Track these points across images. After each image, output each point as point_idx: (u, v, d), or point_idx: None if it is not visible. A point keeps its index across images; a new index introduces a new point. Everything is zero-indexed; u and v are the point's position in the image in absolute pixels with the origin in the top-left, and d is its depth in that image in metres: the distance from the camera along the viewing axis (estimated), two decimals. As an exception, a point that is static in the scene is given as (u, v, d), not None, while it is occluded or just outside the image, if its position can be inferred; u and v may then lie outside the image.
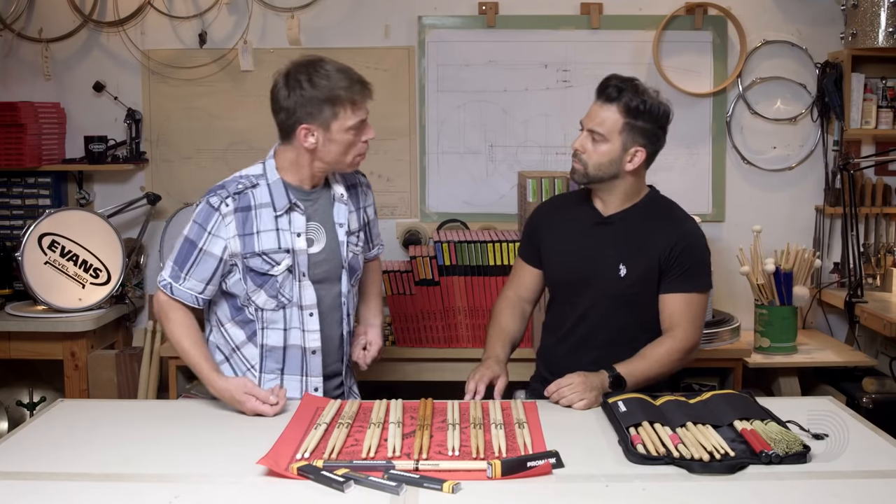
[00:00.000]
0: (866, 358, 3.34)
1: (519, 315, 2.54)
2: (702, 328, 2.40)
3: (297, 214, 2.24)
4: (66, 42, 3.75)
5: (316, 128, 2.16)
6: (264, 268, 2.21)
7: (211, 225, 2.19)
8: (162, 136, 3.79)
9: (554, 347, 2.49)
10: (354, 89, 2.16)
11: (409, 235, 3.71)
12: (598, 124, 2.30)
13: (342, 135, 2.18)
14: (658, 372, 2.31)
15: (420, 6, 3.69)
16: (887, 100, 3.59)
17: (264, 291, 2.23)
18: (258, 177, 2.25)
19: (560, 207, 2.55)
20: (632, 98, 2.27)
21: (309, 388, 2.31)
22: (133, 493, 1.66)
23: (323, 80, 2.14)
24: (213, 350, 2.33)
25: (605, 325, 2.38)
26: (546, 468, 1.74)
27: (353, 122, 2.17)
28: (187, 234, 2.23)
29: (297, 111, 2.15)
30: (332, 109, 2.15)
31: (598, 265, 2.37)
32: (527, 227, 2.59)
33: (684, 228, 2.40)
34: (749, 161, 3.72)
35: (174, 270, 2.23)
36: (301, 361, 2.29)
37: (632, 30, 3.67)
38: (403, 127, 3.74)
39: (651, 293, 2.37)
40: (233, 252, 2.20)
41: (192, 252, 2.20)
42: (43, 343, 3.38)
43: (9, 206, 3.73)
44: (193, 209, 2.26)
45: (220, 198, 2.20)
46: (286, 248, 2.22)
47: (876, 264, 3.63)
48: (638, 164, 2.33)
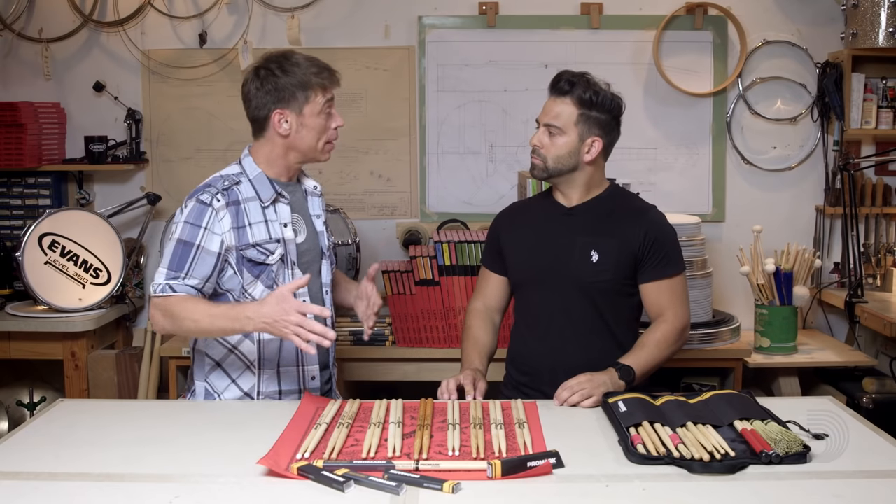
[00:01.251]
0: (866, 358, 3.34)
1: (490, 327, 2.55)
2: (688, 306, 2.45)
3: (282, 205, 2.29)
4: (66, 42, 3.75)
5: (289, 113, 2.23)
6: (260, 258, 2.23)
7: (205, 221, 2.19)
8: (162, 136, 3.79)
9: (527, 347, 2.49)
10: (324, 75, 2.26)
11: (409, 235, 3.71)
12: (553, 118, 2.37)
13: (314, 119, 2.25)
14: (660, 356, 2.36)
15: (420, 6, 3.69)
16: (887, 100, 3.59)
17: (261, 282, 2.25)
18: (238, 174, 2.29)
19: (520, 209, 2.61)
20: (584, 90, 2.35)
21: (306, 378, 2.32)
22: (133, 493, 1.66)
23: (294, 68, 2.24)
24: (202, 357, 2.32)
25: (580, 316, 2.40)
26: (546, 468, 1.73)
27: (322, 105, 2.25)
28: (179, 237, 2.20)
29: (270, 99, 2.23)
30: (304, 94, 2.23)
31: (568, 252, 2.40)
32: (488, 235, 2.62)
33: (651, 217, 2.44)
34: (749, 161, 3.72)
35: (171, 274, 2.18)
36: (297, 351, 2.30)
37: (632, 30, 3.67)
38: (403, 127, 3.74)
39: (622, 281, 2.40)
40: (229, 246, 2.21)
41: (188, 252, 2.19)
42: (43, 343, 3.38)
43: (9, 206, 3.73)
44: (179, 214, 2.23)
45: (211, 194, 2.21)
46: (276, 238, 2.26)
47: (876, 264, 3.63)
48: (596, 155, 2.38)
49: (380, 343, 3.40)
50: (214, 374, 2.32)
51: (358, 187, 3.78)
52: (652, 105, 3.70)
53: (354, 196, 3.76)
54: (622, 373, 2.26)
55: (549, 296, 2.43)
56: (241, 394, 2.31)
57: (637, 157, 3.71)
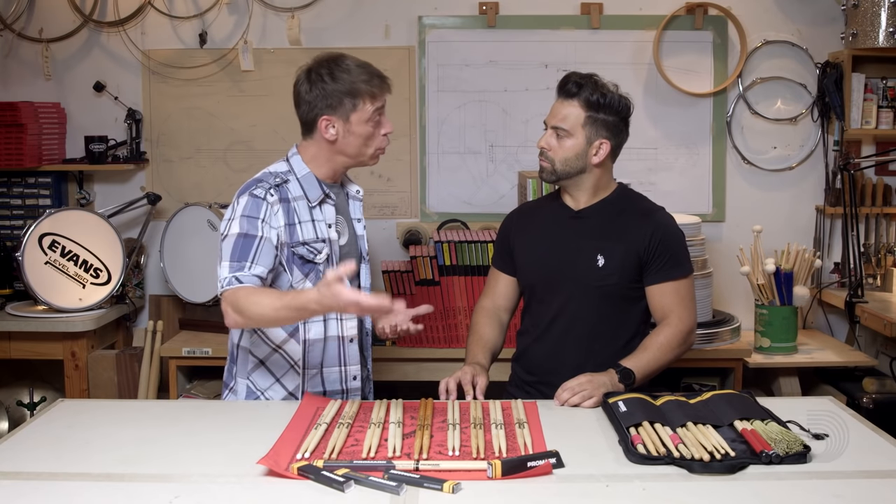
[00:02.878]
0: (866, 358, 3.34)
1: (497, 325, 2.55)
2: (695, 309, 2.44)
3: (328, 206, 2.29)
4: (66, 42, 3.75)
5: (336, 119, 2.22)
6: (310, 256, 2.24)
7: (263, 213, 2.17)
8: (162, 136, 3.79)
9: (532, 348, 2.49)
10: (374, 83, 2.23)
11: (409, 235, 3.71)
12: (560, 120, 2.36)
13: (361, 126, 2.23)
14: (663, 360, 2.34)
15: (420, 6, 3.69)
16: (887, 100, 3.59)
17: (309, 281, 2.24)
18: (286, 172, 2.27)
19: (529, 210, 2.60)
20: (591, 92, 2.34)
21: (348, 378, 2.33)
22: (133, 493, 1.66)
23: (344, 74, 2.21)
24: (246, 354, 2.32)
25: (584, 319, 2.40)
26: (546, 468, 1.73)
27: (371, 113, 2.22)
28: (238, 231, 2.14)
29: (318, 104, 2.21)
30: (351, 101, 2.21)
31: (574, 256, 2.40)
32: (498, 235, 2.61)
33: (658, 218, 2.43)
34: (749, 161, 3.72)
35: (235, 266, 2.11)
36: (339, 352, 2.31)
37: (632, 30, 3.67)
38: (403, 127, 3.74)
39: (629, 285, 2.39)
40: (283, 242, 2.20)
41: (251, 243, 2.14)
42: (43, 343, 3.38)
43: (9, 206, 3.73)
44: (231, 210, 2.19)
45: (265, 189, 2.20)
46: (323, 238, 2.26)
47: (876, 264, 3.63)
48: (603, 157, 2.37)
49: (380, 343, 3.39)
50: (258, 371, 2.31)
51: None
52: (652, 105, 3.70)
53: (354, 196, 3.76)
54: (622, 375, 2.25)
55: (555, 298, 2.42)
56: (286, 393, 2.30)
57: (637, 157, 3.70)
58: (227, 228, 2.18)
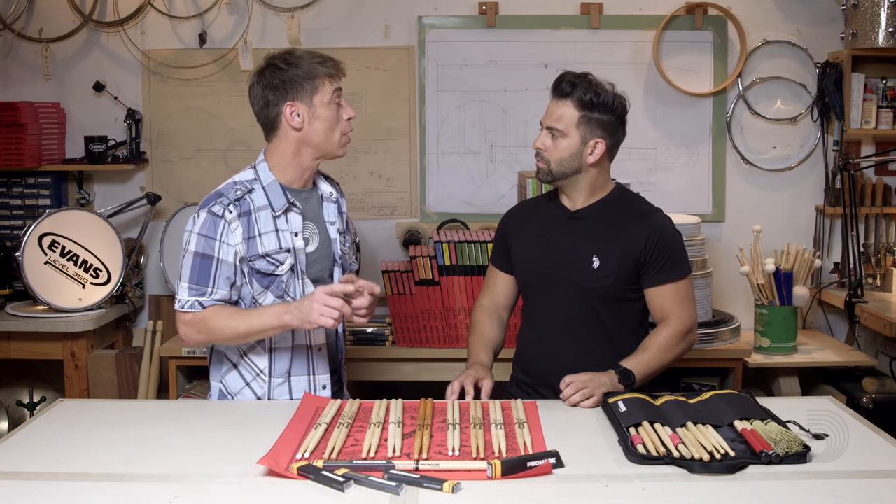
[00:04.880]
0: (866, 358, 3.34)
1: (497, 322, 2.55)
2: (695, 308, 2.43)
3: (294, 214, 2.27)
4: (66, 42, 3.75)
5: (300, 105, 2.22)
6: (269, 269, 2.23)
7: (219, 233, 2.19)
8: (162, 136, 3.79)
9: (529, 350, 2.49)
10: (328, 64, 2.25)
11: (409, 235, 3.71)
12: (555, 120, 2.36)
13: (325, 109, 2.23)
14: (663, 360, 2.34)
15: (420, 6, 3.69)
16: (887, 100, 3.60)
17: (271, 292, 2.24)
18: (252, 181, 2.27)
19: (527, 209, 2.59)
20: (585, 91, 2.32)
21: (317, 386, 2.32)
22: (133, 493, 1.66)
23: (298, 60, 2.24)
24: (221, 357, 2.33)
25: (579, 321, 2.39)
26: (546, 468, 1.73)
27: (331, 94, 2.24)
28: (195, 250, 2.19)
29: (279, 93, 2.22)
30: (311, 84, 2.22)
31: (570, 257, 2.39)
32: (497, 233, 2.61)
33: (655, 220, 2.41)
34: (749, 161, 3.72)
35: (195, 289, 2.19)
36: (307, 360, 2.30)
37: (632, 30, 3.67)
38: (403, 127, 3.74)
39: (624, 287, 2.39)
40: (241, 257, 2.21)
41: (208, 265, 2.19)
42: (43, 343, 3.38)
43: (9, 206, 3.73)
44: (192, 223, 2.23)
45: (223, 205, 2.20)
46: (286, 247, 2.24)
47: (876, 264, 3.63)
48: (599, 157, 2.36)
49: (380, 343, 3.40)
50: (230, 375, 2.32)
51: (358, 187, 3.78)
52: (652, 105, 3.70)
53: (354, 196, 3.76)
54: (622, 376, 2.25)
55: (551, 299, 2.42)
56: (255, 398, 2.30)
57: (637, 157, 3.71)
58: (187, 242, 2.22)
